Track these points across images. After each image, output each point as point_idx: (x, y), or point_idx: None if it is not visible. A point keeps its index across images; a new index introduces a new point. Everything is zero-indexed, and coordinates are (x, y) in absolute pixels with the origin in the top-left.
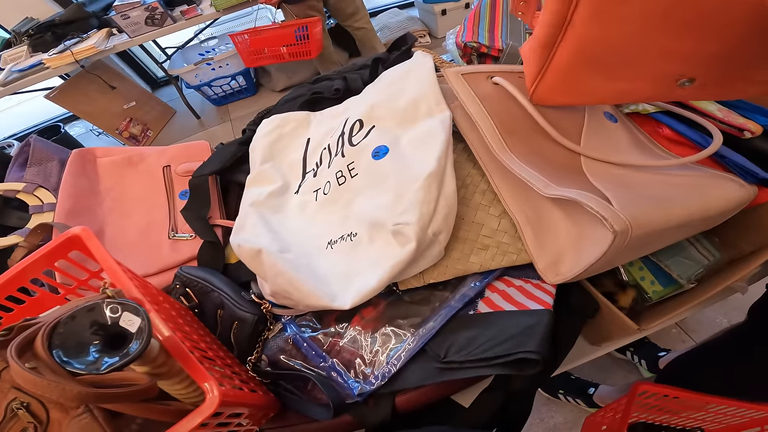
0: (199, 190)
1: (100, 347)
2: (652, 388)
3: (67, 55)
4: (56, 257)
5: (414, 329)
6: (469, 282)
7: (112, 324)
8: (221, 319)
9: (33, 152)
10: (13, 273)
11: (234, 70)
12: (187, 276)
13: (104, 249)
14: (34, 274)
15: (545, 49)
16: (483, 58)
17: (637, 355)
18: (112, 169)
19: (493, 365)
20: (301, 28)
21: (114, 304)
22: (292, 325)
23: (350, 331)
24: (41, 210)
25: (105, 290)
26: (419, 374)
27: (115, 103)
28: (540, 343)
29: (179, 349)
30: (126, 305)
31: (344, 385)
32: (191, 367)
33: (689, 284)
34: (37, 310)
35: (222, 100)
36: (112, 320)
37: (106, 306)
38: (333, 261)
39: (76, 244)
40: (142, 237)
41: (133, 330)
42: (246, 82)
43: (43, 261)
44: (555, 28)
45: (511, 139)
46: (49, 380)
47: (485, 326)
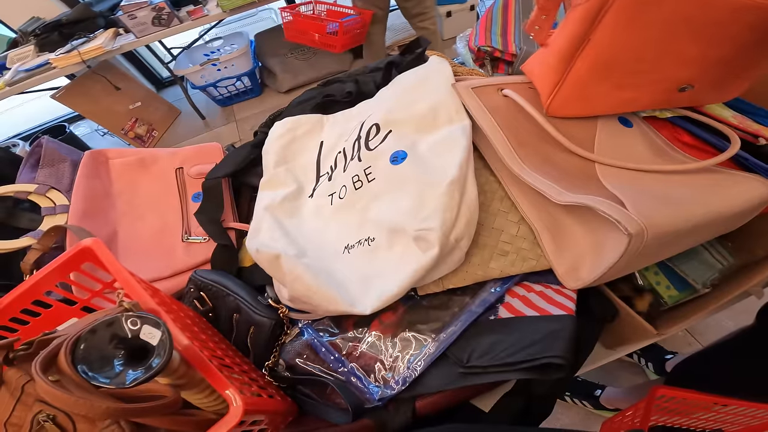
0: (213, 193)
1: (124, 360)
2: (669, 391)
3: (74, 55)
4: (69, 269)
5: (434, 334)
6: (489, 287)
7: (132, 337)
8: (237, 323)
9: (45, 153)
10: (26, 287)
11: (239, 71)
12: (201, 279)
13: (116, 260)
14: (47, 287)
15: (564, 62)
16: (496, 63)
17: (644, 358)
18: (125, 171)
19: (517, 370)
20: (334, 25)
21: (133, 318)
22: (310, 329)
23: (369, 336)
24: (53, 212)
25: (122, 303)
26: (440, 379)
27: (121, 103)
28: (565, 347)
29: (199, 359)
30: (145, 318)
31: (364, 390)
32: (212, 376)
33: (704, 289)
34: (53, 323)
35: (227, 100)
36: (132, 333)
37: (125, 320)
38: (351, 266)
39: (88, 256)
40: (156, 240)
41: (154, 343)
42: (251, 83)
43: (56, 274)
44: (578, 40)
45: (524, 150)
46: (77, 396)
47: (508, 331)
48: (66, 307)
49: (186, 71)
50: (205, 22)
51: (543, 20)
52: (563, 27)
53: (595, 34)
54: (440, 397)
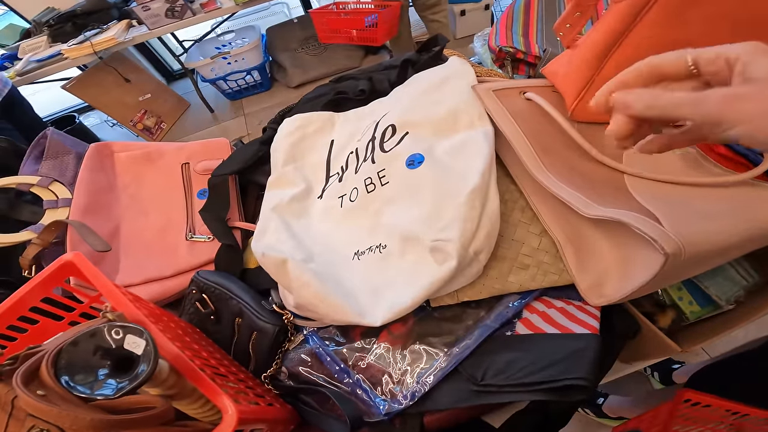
0: (219, 190)
1: (109, 371)
2: (696, 396)
3: (87, 45)
4: (51, 285)
5: (446, 348)
6: (506, 301)
7: (117, 347)
8: (239, 327)
9: (49, 145)
10: (10, 303)
11: (250, 65)
12: (204, 281)
13: (100, 272)
14: (32, 303)
15: (596, 60)
16: (516, 64)
17: (650, 367)
18: (130, 165)
19: (535, 391)
20: (372, 17)
21: (116, 328)
22: (315, 337)
23: (377, 347)
24: (56, 205)
25: (105, 314)
26: (452, 396)
27: (131, 94)
28: (589, 369)
29: (189, 368)
30: (128, 328)
31: (370, 403)
32: (203, 384)
33: (728, 305)
34: (41, 338)
35: (236, 94)
36: (116, 343)
37: (108, 330)
38: (360, 273)
39: (71, 270)
40: (159, 237)
41: (138, 352)
42: (261, 77)
43: (39, 290)
44: (615, 35)
45: (548, 158)
46: (59, 408)
47: (526, 349)
48: (54, 322)
49: (197, 64)
50: (217, 15)
51: (576, 18)
52: (599, 24)
53: (634, 31)
54: (450, 414)
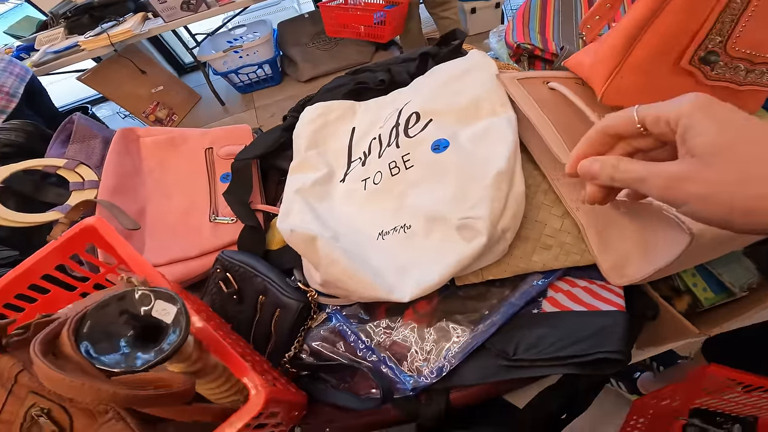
0: (242, 174)
1: (131, 341)
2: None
3: (103, 37)
4: (70, 250)
5: (473, 325)
6: (530, 280)
7: (144, 315)
8: (262, 306)
9: (76, 129)
10: (25, 267)
11: (261, 59)
12: (228, 260)
13: (122, 239)
14: (46, 270)
15: (627, 41)
16: (532, 60)
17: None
18: (155, 150)
19: (568, 364)
20: (380, 14)
21: (146, 292)
22: (338, 315)
23: (403, 325)
24: (82, 187)
25: (130, 279)
26: (479, 371)
27: (144, 86)
28: (622, 343)
29: (216, 341)
30: (159, 293)
31: (396, 379)
32: (230, 360)
33: (741, 292)
34: (50, 309)
35: (247, 87)
36: (144, 310)
37: (137, 294)
38: (386, 252)
39: (92, 236)
40: (183, 219)
41: (168, 320)
42: (272, 71)
43: (56, 254)
44: (643, 21)
45: (573, 144)
46: (81, 381)
47: (555, 325)
48: (66, 293)
49: (209, 57)
50: (231, 9)
51: (606, 10)
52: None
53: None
54: (476, 390)
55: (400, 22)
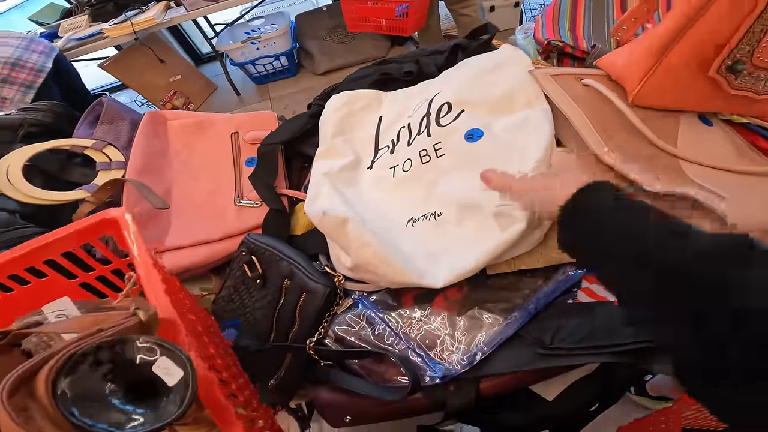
0: (268, 158)
1: (123, 395)
2: None
3: (127, 25)
4: (84, 238)
5: (505, 314)
6: (564, 271)
7: (141, 364)
8: (286, 290)
9: (106, 111)
10: (26, 250)
11: (278, 50)
12: (254, 243)
13: (143, 239)
14: (51, 255)
15: (659, 51)
16: (562, 58)
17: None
18: (181, 133)
19: (608, 353)
20: (402, 6)
21: (151, 344)
22: (365, 301)
23: (433, 312)
24: (108, 167)
25: (136, 312)
26: (512, 360)
27: (162, 75)
28: None
29: (215, 400)
30: (166, 349)
31: (424, 367)
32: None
33: None
34: (42, 296)
35: (263, 78)
36: (143, 362)
37: (140, 344)
38: (416, 239)
39: (111, 228)
40: (208, 201)
41: (170, 383)
42: (288, 63)
43: (67, 241)
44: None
45: (609, 139)
46: None
47: (593, 314)
48: (64, 280)
49: (228, 47)
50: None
51: (644, 12)
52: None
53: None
54: (507, 379)
55: (423, 14)
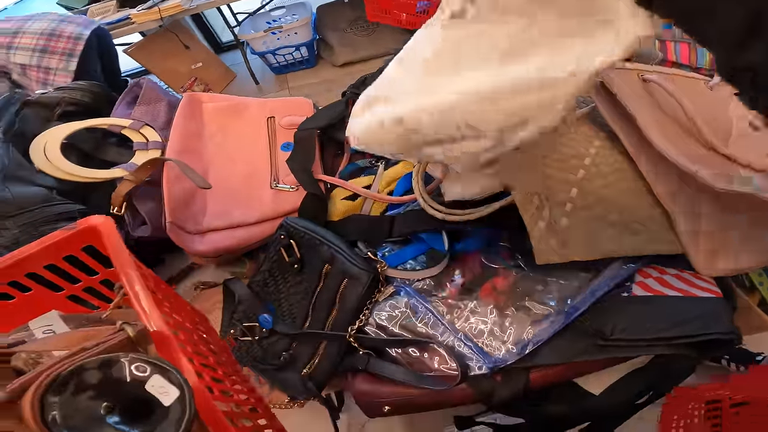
0: (306, 143)
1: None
2: None
3: (154, 11)
4: (67, 250)
5: (556, 305)
6: (617, 265)
7: (132, 383)
8: (326, 276)
9: (144, 92)
10: (6, 263)
11: (299, 41)
12: (293, 227)
13: (126, 249)
14: (34, 268)
15: None
16: None
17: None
18: (217, 116)
19: (673, 345)
20: (424, 3)
21: (141, 363)
22: (408, 288)
23: (480, 301)
24: (146, 147)
25: (124, 327)
26: (565, 351)
27: (185, 62)
28: (732, 326)
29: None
30: (159, 367)
31: (473, 357)
32: None
33: None
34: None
35: (282, 68)
36: (135, 380)
37: (129, 364)
38: None
39: (93, 237)
40: (245, 184)
41: (166, 402)
42: (308, 54)
43: (50, 252)
44: None
45: (668, 135)
46: None
47: (653, 307)
48: (49, 293)
49: (250, 36)
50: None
51: None
52: None
53: None
54: (558, 371)
55: None
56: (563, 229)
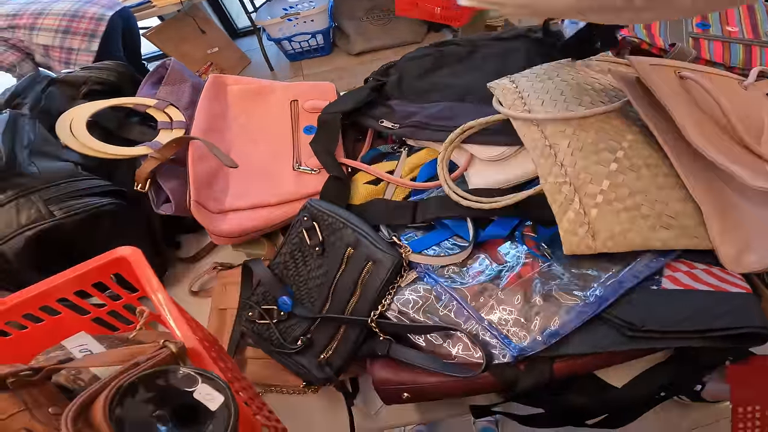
0: (329, 126)
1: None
2: None
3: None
4: (96, 277)
5: (583, 295)
6: (646, 258)
7: (183, 391)
8: (348, 259)
9: (170, 72)
10: (40, 290)
11: (315, 28)
12: (317, 209)
13: (155, 276)
14: (65, 293)
15: None
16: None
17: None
18: (240, 98)
19: (708, 338)
20: None
21: (191, 373)
22: (431, 275)
23: (505, 289)
24: (170, 126)
25: (166, 344)
26: (593, 341)
27: (201, 47)
28: (764, 319)
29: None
30: (206, 377)
31: (498, 345)
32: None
33: None
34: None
35: (297, 55)
36: (183, 389)
37: (179, 374)
38: None
39: (121, 266)
40: (267, 165)
41: (212, 407)
42: (324, 41)
43: (80, 280)
44: None
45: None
46: None
47: (685, 301)
48: (76, 316)
49: (267, 22)
50: None
51: None
52: None
53: None
54: (583, 362)
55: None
56: (593, 220)
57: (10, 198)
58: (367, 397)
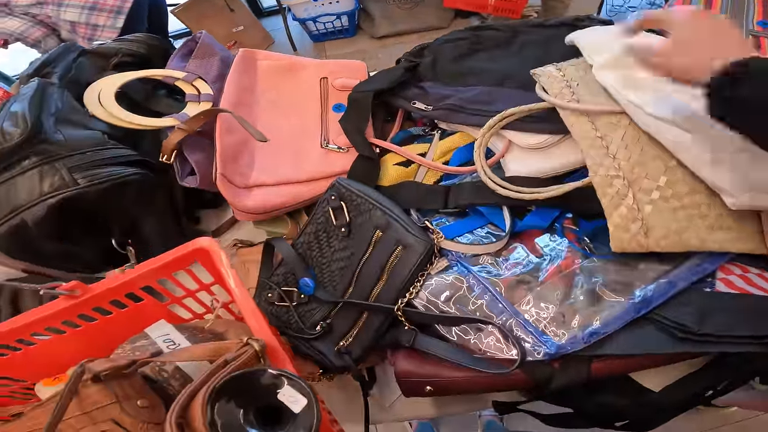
0: (360, 105)
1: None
2: None
3: None
4: (178, 267)
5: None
6: (698, 259)
7: (268, 391)
8: (377, 242)
9: (200, 46)
10: (127, 278)
11: (341, 9)
12: (346, 188)
13: (231, 268)
14: (149, 282)
15: None
16: None
17: None
18: (270, 73)
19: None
20: None
21: (278, 375)
22: (464, 264)
23: (544, 283)
24: (197, 99)
25: (249, 342)
26: (637, 342)
27: (227, 25)
28: None
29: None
30: (292, 380)
31: (534, 341)
32: None
33: None
34: (139, 320)
35: (321, 36)
36: (269, 389)
37: (267, 375)
38: None
39: (201, 257)
40: (294, 141)
41: (296, 410)
42: (348, 23)
43: (162, 270)
44: None
45: None
46: None
47: (741, 305)
48: (155, 302)
49: (292, 2)
50: None
51: None
52: None
53: None
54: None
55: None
56: (646, 217)
57: (34, 164)
58: (383, 387)
